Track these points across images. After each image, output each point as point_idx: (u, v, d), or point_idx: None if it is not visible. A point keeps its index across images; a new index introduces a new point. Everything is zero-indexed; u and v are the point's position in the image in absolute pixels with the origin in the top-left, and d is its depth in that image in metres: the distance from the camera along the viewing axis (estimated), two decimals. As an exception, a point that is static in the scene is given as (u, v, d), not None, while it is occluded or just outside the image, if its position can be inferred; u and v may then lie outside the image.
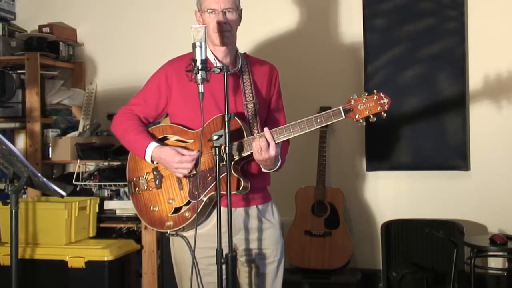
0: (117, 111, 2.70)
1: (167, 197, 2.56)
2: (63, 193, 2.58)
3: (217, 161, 2.34)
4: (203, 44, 2.30)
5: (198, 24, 2.42)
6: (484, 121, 3.92)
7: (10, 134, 4.19)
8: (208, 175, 2.49)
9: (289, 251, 3.82)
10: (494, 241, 3.57)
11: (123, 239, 3.85)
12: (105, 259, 3.51)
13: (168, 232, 2.56)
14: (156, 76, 2.64)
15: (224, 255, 2.31)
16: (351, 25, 4.11)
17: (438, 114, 3.93)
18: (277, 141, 2.43)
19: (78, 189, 3.96)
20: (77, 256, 3.52)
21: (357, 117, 2.39)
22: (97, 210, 3.86)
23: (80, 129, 4.25)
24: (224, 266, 2.32)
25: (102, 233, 3.89)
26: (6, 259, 3.40)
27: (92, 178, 3.97)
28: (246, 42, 3.74)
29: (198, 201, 2.46)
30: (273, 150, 2.41)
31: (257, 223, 2.60)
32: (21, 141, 4.15)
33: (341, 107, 2.41)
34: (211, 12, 2.52)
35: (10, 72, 4.06)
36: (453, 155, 3.93)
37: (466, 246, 3.65)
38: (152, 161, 2.57)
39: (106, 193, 4.06)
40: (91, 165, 4.14)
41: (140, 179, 2.62)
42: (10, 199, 2.52)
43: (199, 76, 2.30)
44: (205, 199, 2.48)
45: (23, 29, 4.46)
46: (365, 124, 2.41)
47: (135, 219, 3.76)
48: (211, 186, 2.47)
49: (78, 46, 4.50)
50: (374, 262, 4.01)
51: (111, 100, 4.30)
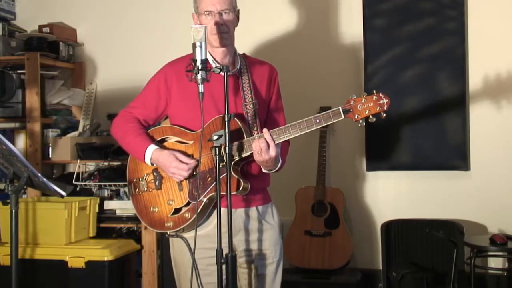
0: (117, 112, 2.70)
1: (167, 198, 2.56)
2: (63, 193, 2.58)
3: (217, 161, 2.33)
4: (203, 44, 2.29)
5: (197, 25, 2.42)
6: (484, 121, 3.92)
7: (10, 134, 4.19)
8: (208, 176, 2.49)
9: (289, 251, 3.82)
10: (494, 241, 3.57)
11: (123, 239, 3.85)
12: (105, 259, 3.51)
13: (168, 233, 2.56)
14: (155, 78, 2.64)
15: (224, 255, 2.31)
16: (351, 25, 4.11)
17: (438, 114, 3.93)
18: (277, 142, 2.43)
19: (78, 189, 3.96)
20: (77, 256, 3.52)
21: (357, 118, 2.39)
22: (97, 210, 3.86)
23: (80, 129, 4.25)
24: (224, 266, 2.32)
25: (102, 233, 3.89)
26: (6, 259, 3.40)
27: (92, 178, 3.98)
28: (246, 43, 3.74)
29: (198, 202, 2.46)
30: (273, 151, 2.41)
31: (257, 224, 2.60)
32: (21, 141, 4.15)
33: (341, 108, 2.40)
34: (208, 14, 2.52)
35: (10, 72, 4.06)
36: (453, 155, 3.93)
37: (466, 246, 3.65)
38: (152, 164, 2.57)
39: (106, 193, 4.06)
40: (91, 165, 4.14)
41: (140, 180, 2.62)
42: (10, 199, 2.52)
43: (199, 76, 2.29)
44: (205, 200, 2.48)
45: (23, 29, 4.46)
46: (365, 124, 2.41)
47: (135, 219, 3.76)
48: (211, 187, 2.47)
49: (78, 46, 4.50)
50: (374, 262, 4.01)
51: (111, 100, 4.30)
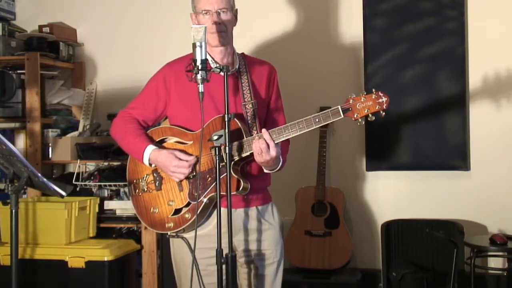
0: (117, 113, 2.70)
1: (167, 199, 2.56)
2: (63, 193, 2.58)
3: (217, 161, 2.33)
4: (203, 44, 2.29)
5: (196, 25, 2.42)
6: (484, 121, 3.92)
7: (10, 134, 4.19)
8: (208, 176, 2.49)
9: (289, 251, 3.82)
10: (494, 241, 3.56)
11: (123, 239, 3.85)
12: (105, 259, 3.51)
13: (169, 234, 2.55)
14: (154, 79, 2.64)
15: (224, 255, 2.31)
16: (351, 25, 4.11)
17: (438, 114, 3.93)
18: (276, 142, 2.42)
19: (78, 189, 3.96)
20: (77, 256, 3.52)
21: (356, 116, 2.39)
22: (97, 210, 3.86)
23: (80, 129, 4.24)
24: (224, 266, 2.32)
25: (102, 233, 3.89)
26: (6, 259, 3.39)
27: (92, 178, 3.97)
28: (246, 43, 3.74)
29: (198, 202, 2.46)
30: (273, 151, 2.40)
31: (257, 224, 2.60)
32: (21, 141, 4.15)
33: (340, 107, 2.40)
34: (206, 13, 2.52)
35: (10, 72, 4.06)
36: (453, 155, 3.93)
37: (466, 246, 3.64)
38: (150, 164, 2.57)
39: (106, 193, 4.06)
40: (91, 165, 4.14)
41: (140, 181, 2.62)
42: (10, 199, 2.52)
43: (199, 76, 2.29)
44: (205, 200, 2.48)
45: (23, 29, 4.46)
46: (365, 124, 2.41)
47: (135, 219, 3.74)
48: (211, 187, 2.47)
49: (78, 46, 4.50)
50: (374, 262, 4.01)
51: (111, 100, 4.30)
